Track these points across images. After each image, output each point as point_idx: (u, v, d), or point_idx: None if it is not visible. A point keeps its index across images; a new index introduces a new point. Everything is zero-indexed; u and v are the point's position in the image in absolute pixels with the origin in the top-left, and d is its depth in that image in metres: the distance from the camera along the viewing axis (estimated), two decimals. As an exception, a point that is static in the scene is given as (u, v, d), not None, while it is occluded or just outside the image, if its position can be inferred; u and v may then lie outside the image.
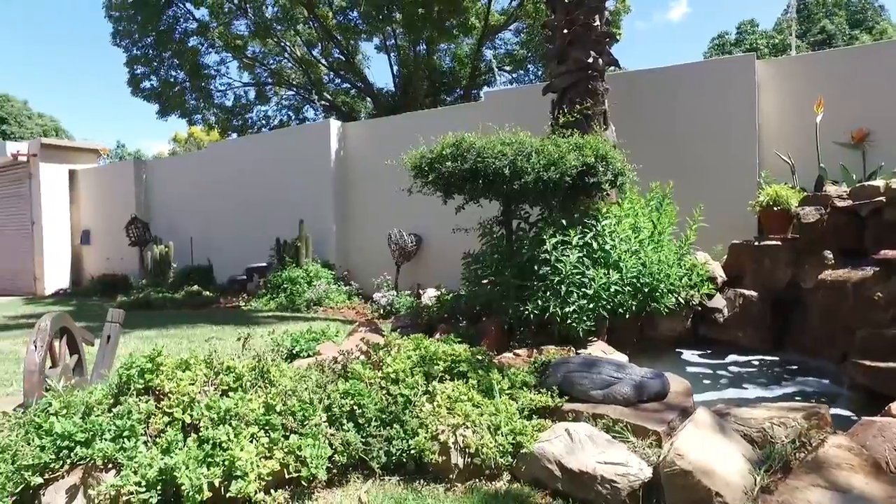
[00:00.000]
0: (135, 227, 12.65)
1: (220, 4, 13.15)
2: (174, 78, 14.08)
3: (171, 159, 13.70)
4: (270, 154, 10.72)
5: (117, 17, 13.40)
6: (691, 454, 2.03)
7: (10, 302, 12.11)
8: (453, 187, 4.66)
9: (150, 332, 6.68)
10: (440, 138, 4.82)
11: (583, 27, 6.26)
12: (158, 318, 8.06)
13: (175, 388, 2.54)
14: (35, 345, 3.02)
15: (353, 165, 9.95)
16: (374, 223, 9.62)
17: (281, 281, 9.13)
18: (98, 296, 12.05)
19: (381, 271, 9.02)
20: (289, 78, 15.54)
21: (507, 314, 4.48)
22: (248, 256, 10.59)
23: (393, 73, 14.47)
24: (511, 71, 14.29)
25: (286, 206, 10.30)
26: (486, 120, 8.27)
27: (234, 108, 15.46)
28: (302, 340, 4.33)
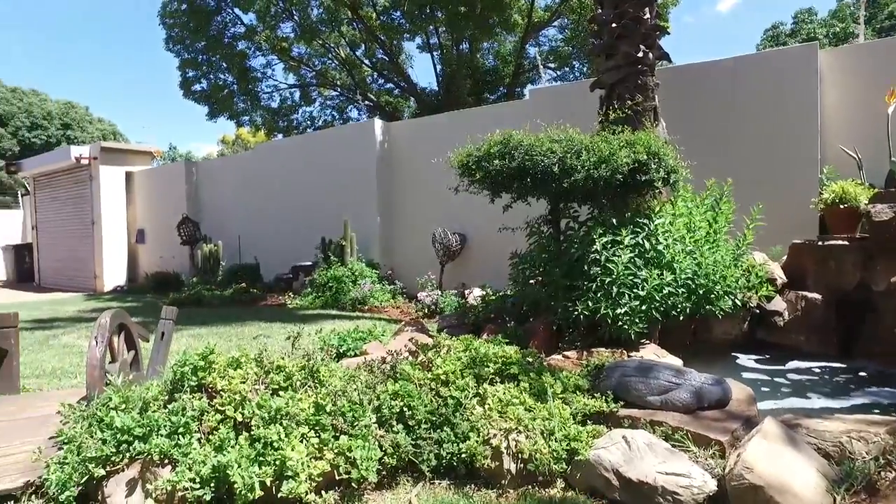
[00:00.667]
0: (186, 227, 13.04)
1: (267, 8, 13.40)
2: (223, 81, 14.45)
3: (220, 160, 14.05)
4: (315, 154, 10.86)
5: (171, 23, 13.83)
6: (761, 468, 1.91)
7: (73, 298, 12.66)
8: (501, 186, 4.60)
9: (201, 329, 6.85)
10: (486, 137, 4.76)
11: (632, 20, 6.09)
12: (208, 315, 8.27)
13: (227, 387, 2.57)
14: (96, 340, 3.11)
15: (398, 164, 9.98)
16: (418, 222, 9.62)
17: (326, 280, 9.23)
18: (152, 293, 12.45)
19: (426, 270, 9.02)
20: (333, 79, 15.74)
21: (556, 315, 4.39)
22: (293, 255, 10.77)
23: (436, 73, 14.49)
24: (555, 68, 14.06)
25: (331, 205, 10.42)
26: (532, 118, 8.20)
27: (279, 109, 15.76)
28: (349, 340, 4.34)
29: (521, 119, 8.42)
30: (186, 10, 13.78)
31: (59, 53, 78.28)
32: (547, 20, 14.18)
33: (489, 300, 6.75)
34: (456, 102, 13.84)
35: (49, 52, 77.92)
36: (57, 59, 77.94)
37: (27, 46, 77.27)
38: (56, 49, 78.68)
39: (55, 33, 78.48)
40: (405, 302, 9.01)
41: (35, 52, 77.35)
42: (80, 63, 79.49)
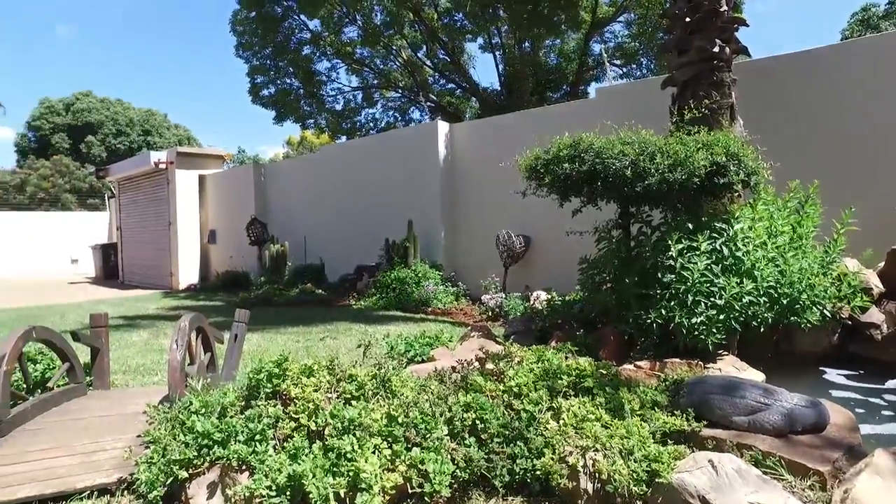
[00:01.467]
0: (254, 228, 13.51)
1: (331, 14, 13.68)
2: (289, 85, 14.88)
3: (286, 162, 14.47)
4: (379, 156, 11.00)
5: (241, 31, 14.35)
6: (871, 505, 1.75)
7: (152, 295, 13.35)
8: (570, 190, 4.48)
9: (270, 329, 7.05)
10: (553, 140, 4.66)
11: (707, 13, 5.81)
12: (276, 315, 8.52)
13: (300, 394, 2.60)
14: (176, 343, 3.24)
15: (461, 166, 9.97)
16: (481, 224, 9.58)
17: (390, 281, 9.33)
18: (223, 292, 12.97)
19: (489, 272, 8.96)
20: (395, 81, 15.90)
21: (627, 323, 4.24)
22: (358, 255, 10.95)
23: (498, 72, 14.38)
24: (622, 65, 13.65)
25: (395, 206, 10.53)
26: (599, 118, 7.98)
27: (343, 111, 16.07)
28: (416, 345, 4.35)
29: (587, 120, 8.22)
30: (255, 18, 14.26)
31: (141, 64, 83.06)
32: (612, 15, 13.81)
33: (555, 305, 6.62)
34: (518, 102, 13.70)
35: (132, 63, 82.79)
36: (139, 70, 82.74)
37: (114, 58, 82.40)
38: (138, 59, 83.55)
39: (137, 44, 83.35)
40: (468, 304, 8.99)
41: (120, 63, 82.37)
42: (159, 72, 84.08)
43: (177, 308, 10.10)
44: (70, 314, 9.88)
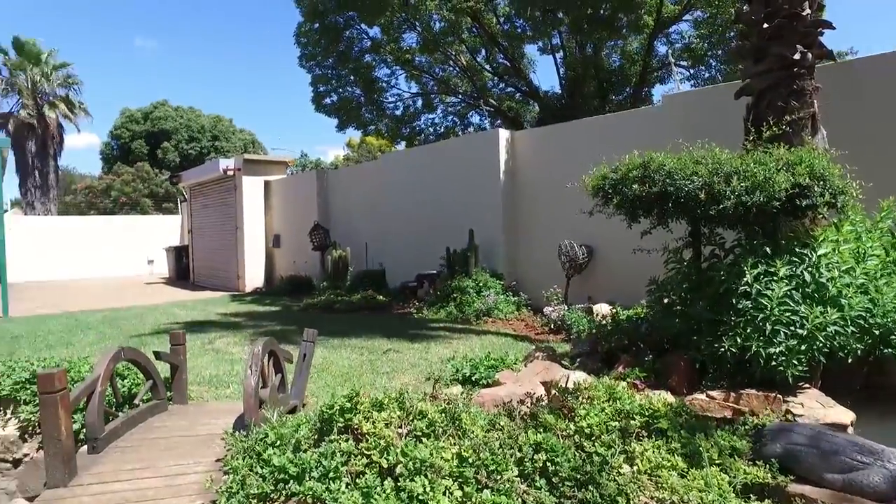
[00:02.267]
0: (317, 233, 13.86)
1: (391, 21, 13.84)
2: (351, 93, 15.16)
3: (348, 169, 14.75)
4: (440, 163, 11.05)
5: (304, 42, 14.74)
6: None
7: (220, 298, 13.93)
8: (639, 211, 4.36)
9: (334, 340, 7.20)
10: (620, 153, 4.54)
11: (788, 18, 5.49)
12: (339, 324, 8.70)
13: (372, 430, 2.64)
14: (251, 370, 3.36)
15: (522, 174, 9.88)
16: (543, 233, 9.46)
17: (451, 290, 9.36)
18: (287, 296, 13.37)
19: (551, 282, 8.84)
20: (454, 86, 15.94)
21: (698, 349, 4.07)
22: (418, 263, 11.04)
23: (559, 75, 14.17)
24: (689, 65, 13.13)
25: (455, 214, 10.55)
26: (666, 126, 7.76)
27: (403, 116, 16.24)
28: (481, 368, 4.34)
29: (653, 128, 8.02)
30: (318, 29, 14.61)
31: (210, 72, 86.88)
32: (678, 14, 13.33)
33: (619, 321, 6.45)
34: (580, 106, 13.47)
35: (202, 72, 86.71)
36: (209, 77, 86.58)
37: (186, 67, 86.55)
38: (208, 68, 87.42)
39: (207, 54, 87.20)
40: (530, 314, 8.91)
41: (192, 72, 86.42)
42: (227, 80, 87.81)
43: (244, 314, 10.49)
44: (148, 317, 10.45)
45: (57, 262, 21.86)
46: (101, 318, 10.40)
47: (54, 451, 2.89)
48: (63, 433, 2.90)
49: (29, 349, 7.60)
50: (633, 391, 3.99)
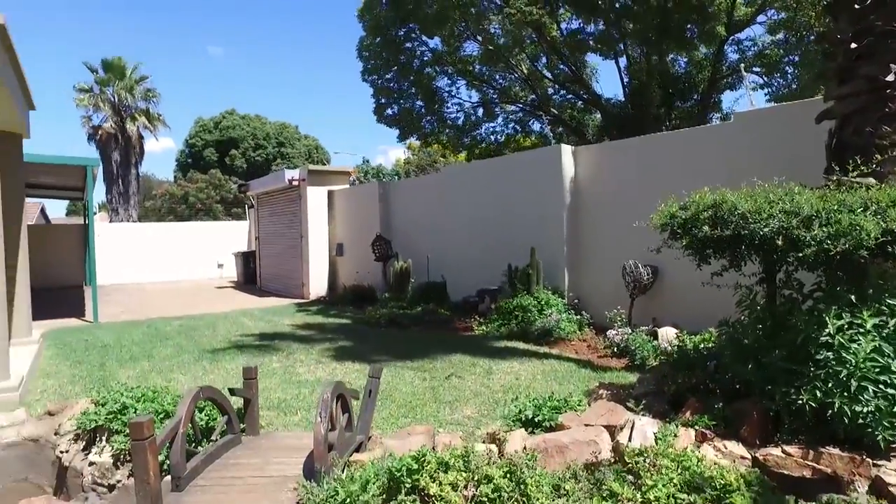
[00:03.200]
0: (379, 244, 14.11)
1: (452, 31, 13.91)
2: (412, 104, 15.34)
3: (410, 181, 14.94)
4: (500, 178, 11.02)
5: (366, 56, 15.02)
6: None
7: (286, 306, 14.42)
8: (709, 251, 4.21)
9: (398, 362, 7.31)
10: (691, 195, 4.39)
11: (881, 35, 5.12)
12: (402, 341, 8.84)
13: (438, 492, 2.68)
14: (320, 416, 3.47)
15: (585, 190, 9.72)
16: (606, 251, 9.28)
17: (512, 307, 9.33)
18: (351, 306, 13.68)
19: (614, 302, 8.66)
20: (515, 94, 15.84)
21: (773, 399, 3.89)
22: (479, 277, 11.05)
23: (622, 83, 13.80)
24: (763, 73, 12.47)
25: (516, 229, 10.50)
26: (737, 145, 7.46)
27: (464, 126, 16.28)
28: (544, 409, 4.32)
29: (723, 146, 7.72)
30: (380, 43, 14.86)
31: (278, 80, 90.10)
32: (751, 16, 12.72)
33: (686, 350, 6.25)
34: (645, 115, 13.11)
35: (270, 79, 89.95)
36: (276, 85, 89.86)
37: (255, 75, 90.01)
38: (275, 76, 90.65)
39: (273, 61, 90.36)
40: (592, 334, 8.77)
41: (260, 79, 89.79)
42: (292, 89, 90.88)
43: (310, 326, 10.80)
44: (220, 327, 10.95)
45: (136, 266, 23.24)
46: (178, 328, 10.97)
47: (143, 493, 3.09)
48: (151, 476, 3.09)
49: (116, 360, 8.14)
50: (702, 444, 3.87)
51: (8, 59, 6.61)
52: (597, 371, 6.60)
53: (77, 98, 29.80)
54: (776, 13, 12.33)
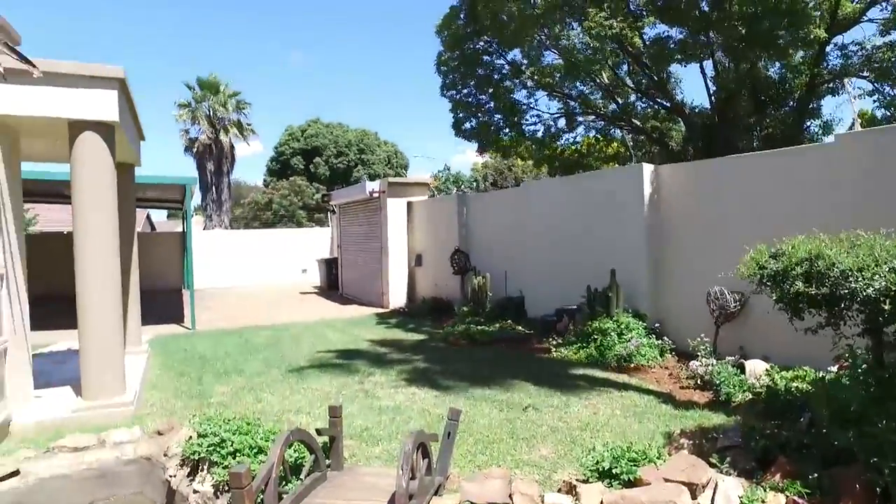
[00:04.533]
0: (457, 257, 14.28)
1: (530, 44, 13.80)
2: (490, 118, 15.37)
3: (488, 195, 15.02)
4: (579, 196, 10.86)
5: (444, 70, 15.20)
6: None
7: (366, 317, 14.88)
8: (803, 307, 3.99)
9: (475, 389, 7.38)
10: (783, 243, 4.17)
11: None
12: (480, 363, 8.90)
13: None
14: (402, 469, 3.60)
15: (667, 211, 9.42)
16: (690, 275, 8.96)
17: (591, 330, 9.20)
18: (429, 317, 13.95)
19: (698, 327, 8.33)
20: (595, 105, 15.52)
21: (880, 473, 3.64)
22: (557, 295, 10.95)
23: (708, 92, 13.17)
24: (872, 79, 11.39)
25: (595, 249, 10.33)
26: (839, 170, 6.98)
27: (543, 137, 16.12)
28: (622, 461, 4.26)
29: (822, 171, 7.25)
30: (458, 57, 14.99)
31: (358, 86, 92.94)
32: (858, 14, 11.75)
33: (777, 391, 5.98)
34: (733, 125, 12.48)
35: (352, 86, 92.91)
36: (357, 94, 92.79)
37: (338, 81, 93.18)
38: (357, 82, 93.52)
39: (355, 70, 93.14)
40: (674, 361, 8.50)
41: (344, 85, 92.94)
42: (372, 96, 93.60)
43: (389, 342, 11.09)
44: (304, 340, 11.48)
45: (227, 271, 24.75)
46: (266, 340, 11.61)
47: (241, 536, 3.34)
48: (248, 520, 3.34)
49: (212, 373, 8.73)
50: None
51: (127, 108, 7.27)
52: (678, 408, 6.40)
53: (177, 114, 32.15)
54: (891, 10, 11.31)
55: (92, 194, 6.60)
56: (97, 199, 6.62)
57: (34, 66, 5.31)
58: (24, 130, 6.78)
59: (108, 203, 6.71)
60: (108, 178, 6.70)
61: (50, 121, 6.35)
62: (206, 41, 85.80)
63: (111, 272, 6.77)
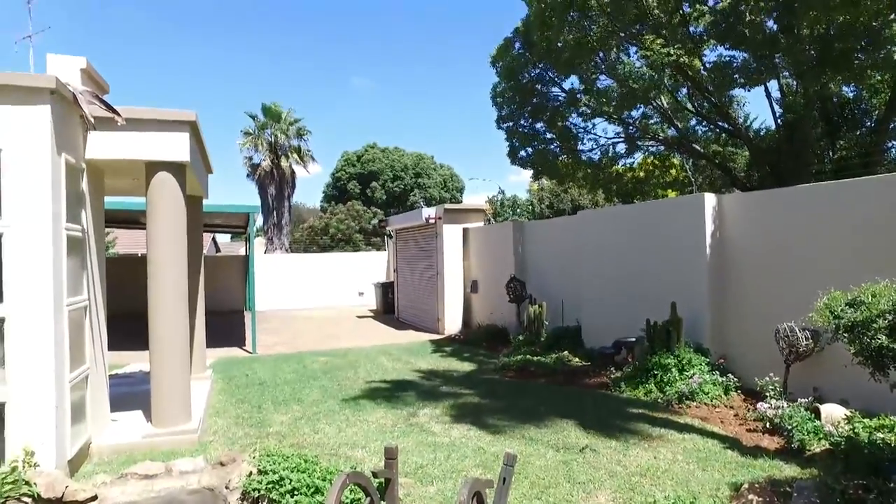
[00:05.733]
0: (513, 285, 14.18)
1: (586, 70, 13.71)
2: (545, 145, 15.31)
3: (544, 223, 14.90)
4: (637, 227, 10.62)
5: (500, 101, 15.30)
6: None
7: (422, 343, 14.95)
8: (888, 362, 3.74)
9: (531, 428, 7.24)
10: (865, 292, 3.94)
11: None
12: (535, 397, 8.76)
13: None
14: (458, 519, 3.58)
15: (732, 244, 9.07)
16: (757, 309, 8.57)
17: (650, 365, 8.91)
18: (484, 345, 13.89)
19: (766, 365, 7.92)
20: (653, 130, 15.21)
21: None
22: (614, 325, 10.70)
23: (774, 115, 12.68)
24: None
25: (654, 279, 10.06)
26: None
27: (600, 163, 15.90)
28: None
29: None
30: (513, 86, 15.06)
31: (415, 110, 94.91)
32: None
33: (858, 443, 5.58)
34: (801, 149, 11.96)
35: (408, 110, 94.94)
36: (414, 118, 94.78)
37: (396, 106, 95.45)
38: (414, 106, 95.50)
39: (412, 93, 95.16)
40: (740, 399, 8.11)
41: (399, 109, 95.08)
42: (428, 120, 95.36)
43: (444, 373, 11.08)
44: (360, 367, 11.62)
45: (286, 293, 25.46)
46: (323, 366, 11.83)
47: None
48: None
49: (271, 401, 8.95)
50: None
51: (197, 148, 7.69)
52: (745, 455, 6.08)
53: (240, 142, 33.74)
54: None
55: (165, 229, 6.98)
56: (169, 233, 6.99)
57: (118, 114, 5.71)
58: (108, 170, 7.26)
59: (178, 237, 7.07)
60: (180, 213, 7.07)
61: (130, 162, 6.78)
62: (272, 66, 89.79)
63: (181, 305, 7.11)
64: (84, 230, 6.33)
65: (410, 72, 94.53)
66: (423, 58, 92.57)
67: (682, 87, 14.01)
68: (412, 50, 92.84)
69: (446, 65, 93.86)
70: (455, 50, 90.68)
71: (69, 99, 5.48)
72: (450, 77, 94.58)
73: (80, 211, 6.26)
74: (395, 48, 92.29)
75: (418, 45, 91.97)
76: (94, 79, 6.52)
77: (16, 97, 5.03)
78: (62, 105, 5.44)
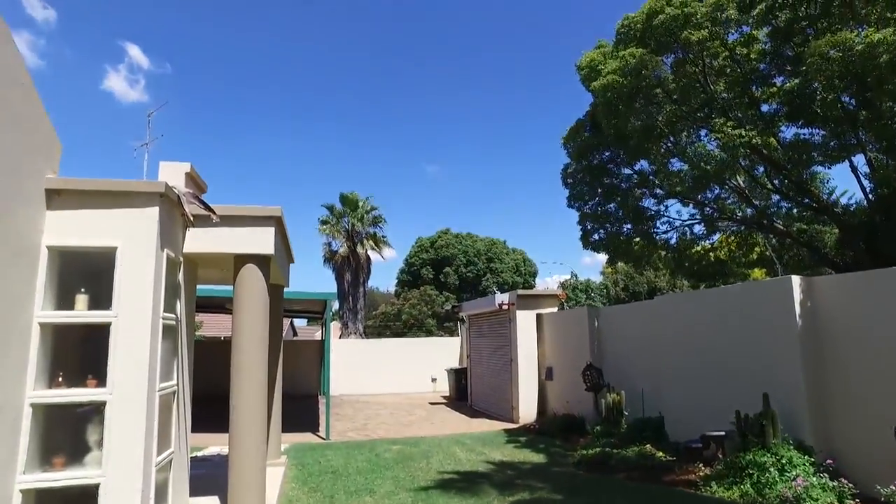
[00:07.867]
0: (590, 373, 13.68)
1: (657, 155, 13.73)
2: (618, 228, 15.19)
3: (620, 308, 14.51)
4: (719, 312, 10.13)
5: (571, 182, 15.49)
6: None
7: (496, 433, 14.49)
8: None
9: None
10: None
11: None
12: (616, 498, 8.21)
13: None
14: None
15: (828, 329, 8.44)
16: (869, 403, 7.80)
17: (744, 463, 8.19)
18: (560, 436, 13.28)
19: (889, 472, 7.10)
20: (731, 211, 14.81)
21: None
22: (700, 418, 10.00)
23: (863, 189, 12.07)
24: None
25: (743, 368, 9.44)
26: None
27: (677, 245, 15.54)
28: None
29: None
30: (584, 168, 15.26)
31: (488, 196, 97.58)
32: None
33: None
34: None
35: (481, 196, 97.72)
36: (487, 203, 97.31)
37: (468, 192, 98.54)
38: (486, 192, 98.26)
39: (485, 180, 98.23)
40: (858, 509, 7.24)
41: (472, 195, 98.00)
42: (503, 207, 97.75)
43: (517, 466, 10.64)
44: (433, 457, 11.34)
45: (359, 378, 25.61)
46: (395, 455, 11.64)
47: None
48: None
49: (343, 491, 8.85)
50: None
51: (281, 241, 8.22)
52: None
53: (319, 228, 35.59)
54: None
55: (249, 319, 7.35)
56: (253, 323, 7.35)
57: (214, 212, 6.25)
58: (201, 262, 7.86)
59: (261, 326, 7.41)
60: (263, 303, 7.46)
61: (221, 255, 7.31)
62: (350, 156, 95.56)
63: (261, 394, 7.34)
64: (178, 318, 6.79)
65: (482, 158, 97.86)
66: (495, 142, 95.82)
67: (758, 165, 13.71)
68: (482, 137, 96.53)
69: (518, 147, 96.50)
70: (528, 135, 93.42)
71: (174, 200, 6.07)
72: (522, 161, 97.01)
73: (176, 301, 6.74)
74: (464, 137, 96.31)
75: (488, 132, 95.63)
76: (195, 180, 7.22)
77: (132, 201, 5.63)
78: (168, 206, 6.02)
